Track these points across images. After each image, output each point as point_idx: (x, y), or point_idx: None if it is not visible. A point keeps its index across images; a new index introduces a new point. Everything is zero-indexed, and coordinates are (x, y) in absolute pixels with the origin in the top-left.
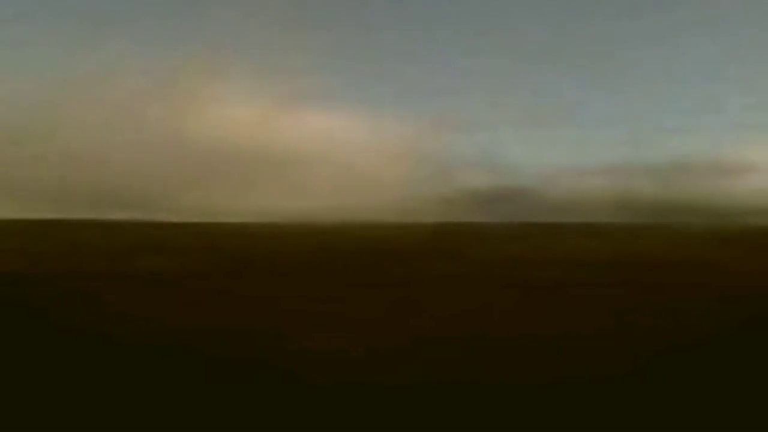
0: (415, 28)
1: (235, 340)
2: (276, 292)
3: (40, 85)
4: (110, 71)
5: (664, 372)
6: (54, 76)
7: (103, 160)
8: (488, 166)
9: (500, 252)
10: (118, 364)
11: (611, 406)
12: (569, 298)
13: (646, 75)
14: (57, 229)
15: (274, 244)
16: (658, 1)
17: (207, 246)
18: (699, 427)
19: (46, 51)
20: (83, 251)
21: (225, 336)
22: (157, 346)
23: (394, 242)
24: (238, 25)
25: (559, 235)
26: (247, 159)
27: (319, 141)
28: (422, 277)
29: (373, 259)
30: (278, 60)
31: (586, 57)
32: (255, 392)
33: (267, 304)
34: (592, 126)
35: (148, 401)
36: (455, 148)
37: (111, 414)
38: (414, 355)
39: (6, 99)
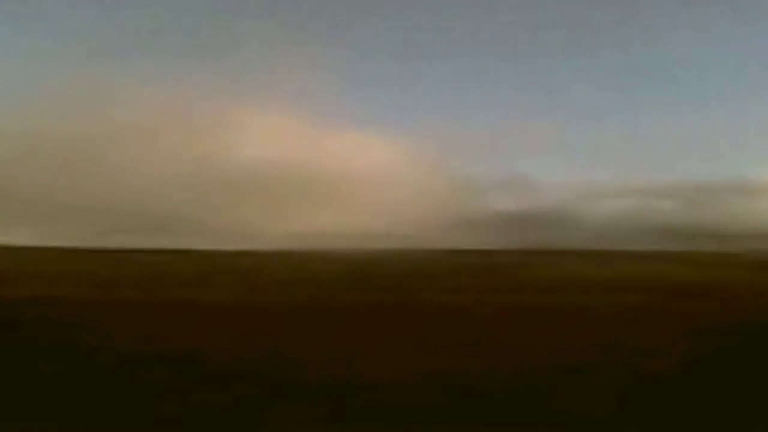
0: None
1: (273, 364)
2: (307, 319)
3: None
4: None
5: (688, 393)
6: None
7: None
8: (513, 188)
9: (521, 276)
10: (153, 389)
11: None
12: (590, 322)
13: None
14: (85, 257)
15: (303, 271)
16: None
17: (242, 274)
18: None
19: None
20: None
21: (262, 360)
22: (190, 371)
23: (420, 267)
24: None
25: (581, 261)
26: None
27: (346, 163)
28: (448, 301)
29: (402, 285)
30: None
31: (610, 81)
32: (311, 415)
33: (304, 333)
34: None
35: (189, 426)
36: (481, 171)
37: None
38: (439, 379)
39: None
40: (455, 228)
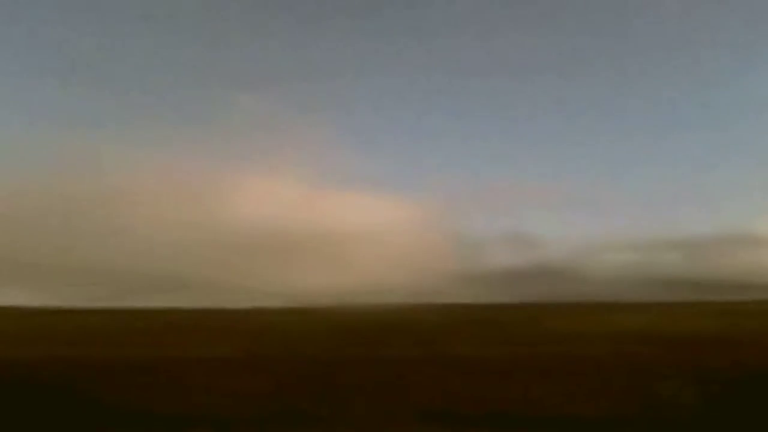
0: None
1: (291, 421)
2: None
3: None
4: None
5: None
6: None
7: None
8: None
9: (528, 329)
10: None
11: None
12: (600, 374)
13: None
14: (95, 316)
15: (313, 327)
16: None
17: (251, 330)
18: None
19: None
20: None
21: (281, 417)
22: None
23: (427, 321)
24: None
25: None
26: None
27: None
28: (457, 354)
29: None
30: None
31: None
32: None
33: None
34: (620, 201)
35: None
36: (483, 227)
37: None
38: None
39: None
40: (459, 283)
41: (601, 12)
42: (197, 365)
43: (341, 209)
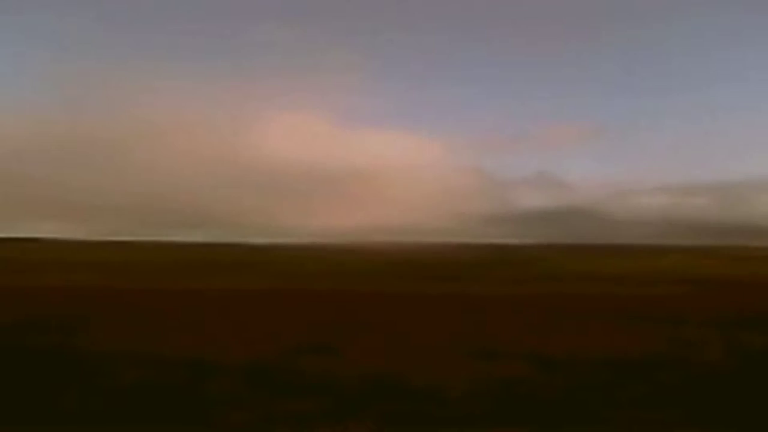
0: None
1: (306, 359)
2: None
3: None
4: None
5: (732, 384)
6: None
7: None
8: (545, 185)
9: (558, 269)
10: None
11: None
12: (626, 316)
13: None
14: (121, 249)
15: (334, 263)
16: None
17: (271, 265)
18: None
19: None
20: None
21: (297, 355)
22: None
23: (453, 261)
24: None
25: (618, 255)
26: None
27: (377, 160)
28: (482, 294)
29: (434, 276)
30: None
31: (645, 82)
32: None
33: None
34: (650, 145)
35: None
36: (513, 168)
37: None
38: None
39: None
40: (488, 223)
41: None
42: (218, 297)
43: (370, 147)
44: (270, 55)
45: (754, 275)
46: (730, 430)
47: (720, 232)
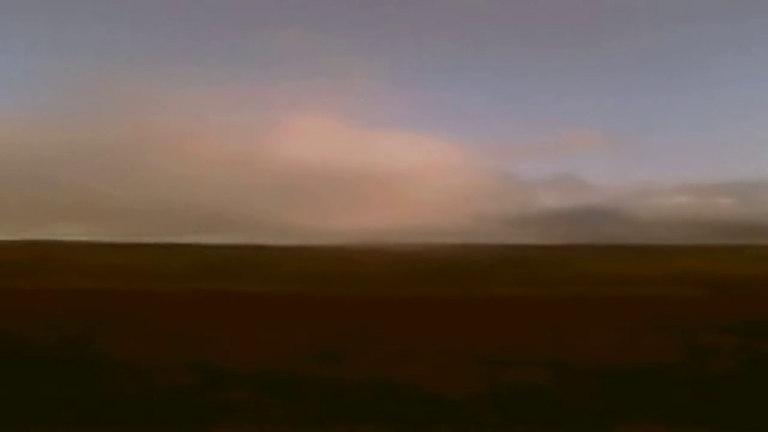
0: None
1: (331, 361)
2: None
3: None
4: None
5: (749, 384)
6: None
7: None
8: (566, 186)
9: (578, 271)
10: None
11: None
12: (646, 319)
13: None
14: (143, 251)
15: (355, 264)
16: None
17: (292, 267)
18: None
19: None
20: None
21: (321, 358)
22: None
23: (474, 262)
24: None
25: (639, 255)
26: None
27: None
28: (500, 295)
29: (454, 279)
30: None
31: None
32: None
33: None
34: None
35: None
36: (534, 169)
37: None
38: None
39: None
40: (508, 224)
41: None
42: (243, 300)
43: (390, 150)
44: (288, 60)
45: None
46: None
47: (743, 232)
